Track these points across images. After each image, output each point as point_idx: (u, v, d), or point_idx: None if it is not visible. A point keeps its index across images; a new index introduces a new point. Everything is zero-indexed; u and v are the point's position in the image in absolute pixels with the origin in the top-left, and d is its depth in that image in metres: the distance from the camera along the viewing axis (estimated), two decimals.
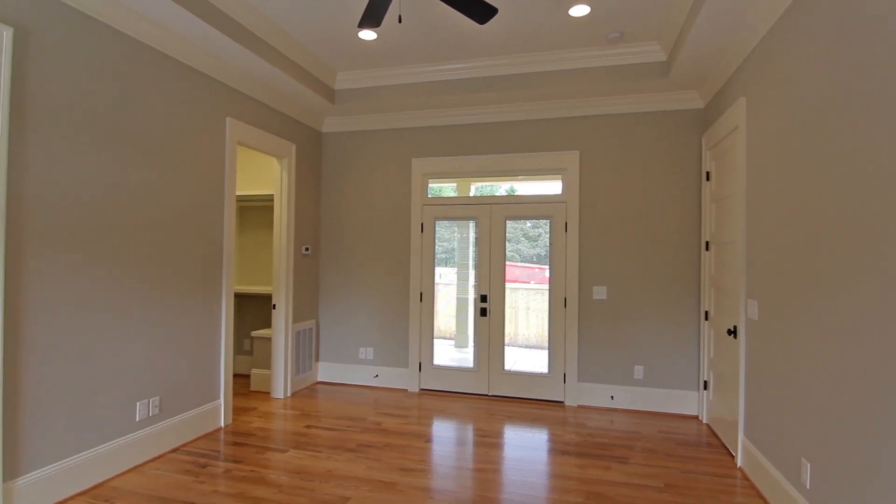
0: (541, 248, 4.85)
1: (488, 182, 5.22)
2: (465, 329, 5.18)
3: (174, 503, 2.52)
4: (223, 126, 3.64)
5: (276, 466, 2.99)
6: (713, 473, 2.97)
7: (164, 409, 3.17)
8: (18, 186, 2.31)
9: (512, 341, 4.84)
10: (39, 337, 2.41)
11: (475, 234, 4.64)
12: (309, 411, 4.04)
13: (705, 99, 3.92)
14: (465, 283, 4.94)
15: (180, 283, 3.28)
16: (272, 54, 3.56)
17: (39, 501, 2.41)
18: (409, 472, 2.92)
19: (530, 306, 5.48)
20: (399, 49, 3.86)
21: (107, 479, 2.76)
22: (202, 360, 3.48)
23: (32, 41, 2.36)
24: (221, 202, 3.64)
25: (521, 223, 4.75)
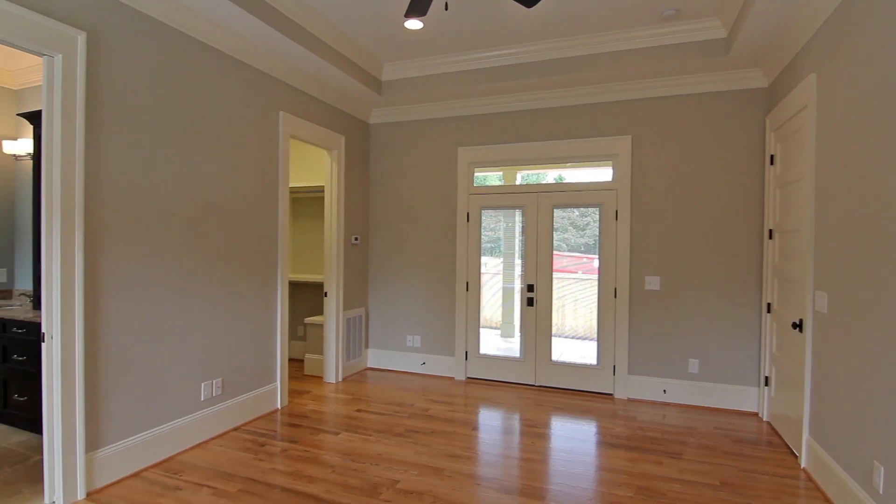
0: (589, 238, 4.74)
1: (535, 170, 5.14)
2: (511, 319, 5.16)
3: (236, 478, 2.68)
4: (276, 120, 3.77)
5: (329, 448, 3.11)
6: (774, 473, 2.83)
7: (226, 390, 3.37)
8: (94, 180, 2.50)
9: (559, 332, 4.78)
10: (114, 321, 2.61)
11: (521, 224, 4.59)
12: (359, 396, 4.17)
13: (770, 77, 3.67)
14: (511, 273, 4.91)
15: (239, 271, 3.45)
16: (321, 48, 3.63)
17: (116, 472, 2.63)
18: (456, 459, 2.96)
19: (578, 297, 5.37)
20: (445, 37, 3.84)
21: (175, 453, 2.97)
22: (260, 345, 3.66)
23: (103, 44, 2.53)
24: (276, 193, 3.78)
25: (568, 212, 4.66)
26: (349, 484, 2.63)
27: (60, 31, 2.31)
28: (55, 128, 2.32)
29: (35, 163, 3.63)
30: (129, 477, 2.67)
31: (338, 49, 3.81)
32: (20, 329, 3.23)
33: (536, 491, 2.59)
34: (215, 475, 2.71)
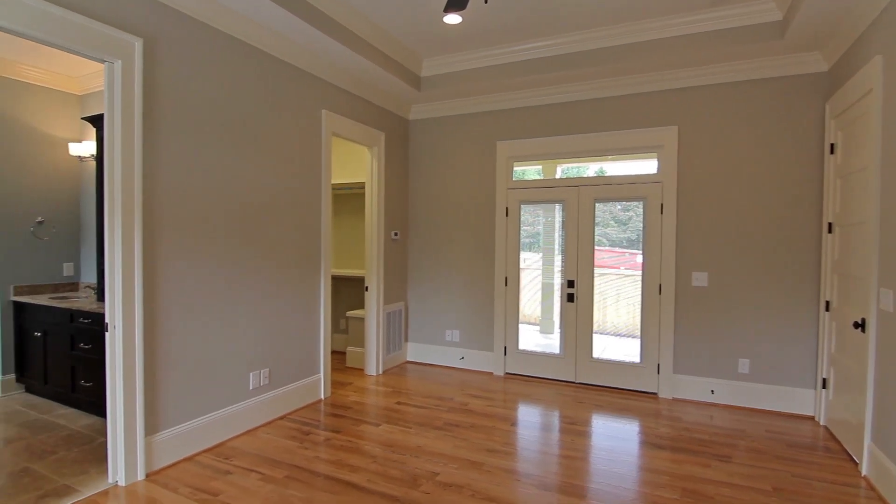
0: (632, 232, 4.61)
1: (576, 163, 5.04)
2: (551, 314, 5.09)
3: (282, 465, 2.79)
4: (319, 118, 3.86)
5: (371, 438, 3.17)
6: (831, 480, 2.68)
7: (273, 380, 3.50)
8: (151, 179, 2.64)
9: (600, 328, 4.68)
10: (170, 312, 2.76)
11: (561, 218, 4.52)
12: (399, 388, 4.24)
13: (830, 60, 3.45)
14: (551, 268, 4.85)
15: (285, 265, 3.57)
16: (362, 46, 3.68)
17: (172, 455, 2.79)
18: (495, 454, 2.97)
19: (620, 293, 5.25)
20: (484, 31, 3.82)
21: (226, 439, 3.11)
22: (304, 337, 3.77)
23: (158, 49, 2.66)
24: (319, 190, 3.88)
25: (610, 205, 4.54)
26: (390, 475, 2.69)
27: (119, 38, 2.44)
28: (116, 130, 2.47)
29: (98, 163, 3.87)
30: (184, 460, 2.82)
31: (378, 47, 3.86)
32: (86, 319, 3.47)
33: (576, 489, 2.56)
34: (263, 461, 2.82)
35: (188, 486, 2.53)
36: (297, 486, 2.54)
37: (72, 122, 4.37)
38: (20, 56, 3.83)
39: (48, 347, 3.71)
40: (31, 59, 3.90)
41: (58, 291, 4.26)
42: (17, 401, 3.77)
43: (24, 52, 3.75)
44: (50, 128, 4.23)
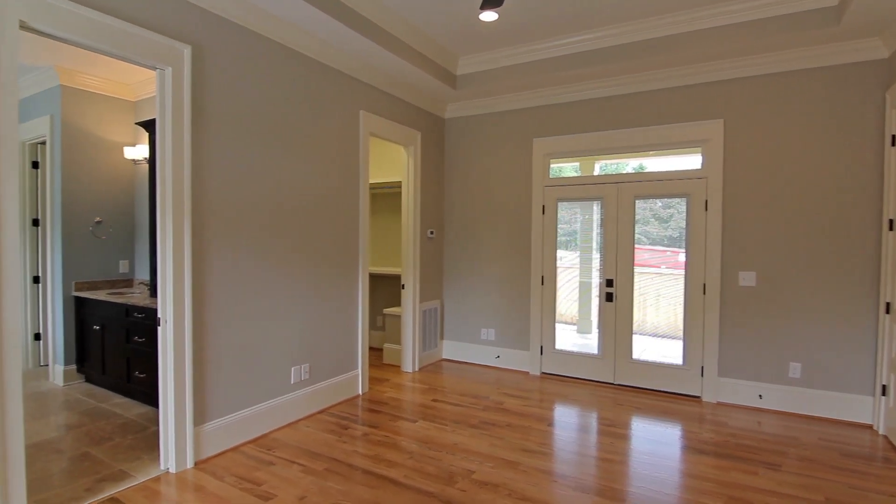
0: (673, 230, 4.47)
1: (614, 159, 4.93)
2: (589, 314, 5.01)
3: (322, 458, 2.86)
4: (357, 118, 3.92)
5: (407, 434, 3.21)
6: (891, 493, 2.53)
7: (314, 375, 3.59)
8: (200, 180, 2.76)
9: (640, 329, 4.56)
10: (217, 307, 2.88)
11: (600, 216, 4.43)
12: (435, 386, 4.26)
13: (891, 46, 3.24)
14: (589, 267, 4.76)
15: (325, 263, 3.66)
16: (398, 46, 3.72)
17: (219, 445, 2.91)
18: (532, 454, 2.95)
19: (661, 292, 5.10)
20: (520, 27, 3.79)
21: (268, 431, 3.22)
22: (343, 333, 3.85)
23: (205, 55, 2.78)
24: (357, 189, 3.94)
25: (651, 202, 4.42)
26: (426, 471, 2.71)
27: (169, 45, 2.56)
28: (166, 134, 2.59)
29: (150, 166, 4.07)
30: (230, 450, 2.93)
31: (414, 46, 3.89)
32: (140, 314, 3.66)
33: (615, 493, 2.51)
34: (303, 453, 2.91)
35: (233, 476, 2.63)
36: (336, 479, 2.61)
37: (126, 128, 4.61)
38: (82, 66, 4.07)
39: (105, 340, 3.94)
40: (90, 69, 4.14)
41: (114, 287, 4.51)
42: (78, 390, 4.02)
43: (84, 63, 3.98)
44: (107, 133, 4.47)
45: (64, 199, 4.18)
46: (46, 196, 4.27)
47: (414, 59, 3.90)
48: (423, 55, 4.03)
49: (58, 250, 4.19)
